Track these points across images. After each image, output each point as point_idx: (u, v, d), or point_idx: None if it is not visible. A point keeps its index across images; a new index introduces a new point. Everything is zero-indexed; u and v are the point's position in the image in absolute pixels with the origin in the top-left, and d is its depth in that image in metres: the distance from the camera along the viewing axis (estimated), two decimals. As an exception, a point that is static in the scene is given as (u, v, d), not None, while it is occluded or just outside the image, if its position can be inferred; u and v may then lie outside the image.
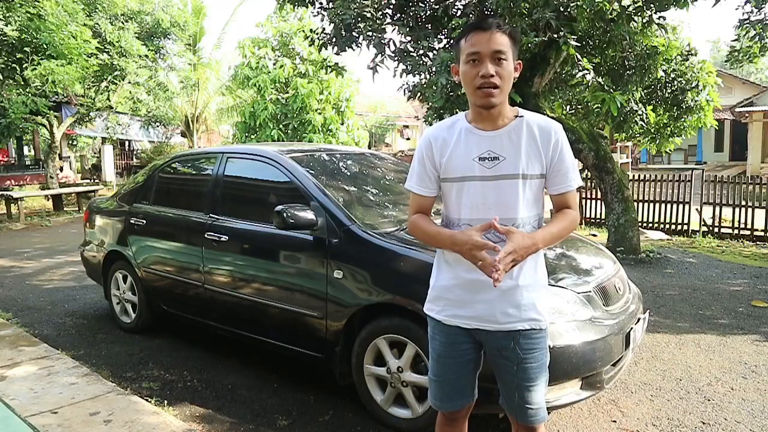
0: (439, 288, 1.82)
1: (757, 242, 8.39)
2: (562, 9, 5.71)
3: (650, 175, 9.54)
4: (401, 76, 6.75)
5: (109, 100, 15.50)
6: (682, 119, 8.42)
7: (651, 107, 7.94)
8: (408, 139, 32.82)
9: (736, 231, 8.73)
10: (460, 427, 1.94)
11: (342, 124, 16.47)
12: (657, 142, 8.95)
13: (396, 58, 6.70)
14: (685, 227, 9.08)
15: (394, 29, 6.91)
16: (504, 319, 1.72)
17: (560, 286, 2.69)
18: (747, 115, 19.02)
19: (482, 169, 1.70)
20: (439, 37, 6.88)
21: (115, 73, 13.85)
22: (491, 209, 1.67)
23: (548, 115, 7.09)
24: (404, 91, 7.27)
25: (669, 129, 8.65)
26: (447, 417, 1.91)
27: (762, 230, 8.45)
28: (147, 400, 3.08)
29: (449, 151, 1.74)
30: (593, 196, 9.95)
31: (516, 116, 1.73)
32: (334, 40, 6.91)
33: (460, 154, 1.72)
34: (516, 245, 1.58)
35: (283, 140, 15.34)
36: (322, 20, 7.31)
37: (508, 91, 1.70)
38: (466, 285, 1.74)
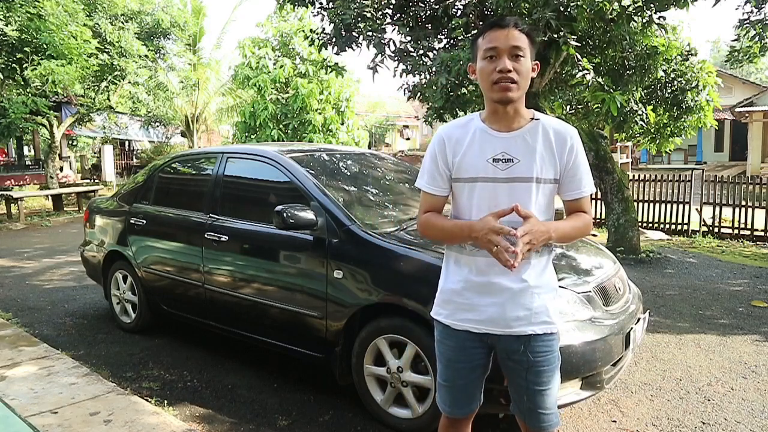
0: (448, 291, 1.78)
1: (757, 242, 8.39)
2: (562, 9, 5.70)
3: (650, 175, 9.54)
4: (401, 76, 6.75)
5: (109, 100, 15.50)
6: (682, 119, 8.40)
7: (651, 107, 7.92)
8: (408, 139, 32.85)
9: (736, 231, 8.73)
10: (464, 430, 1.93)
11: (342, 124, 16.46)
12: (657, 142, 8.93)
13: (396, 58, 6.69)
14: (685, 227, 9.08)
15: (394, 29, 6.90)
16: (515, 323, 1.70)
17: (560, 286, 2.69)
18: (747, 115, 19.01)
19: (495, 171, 1.67)
20: (439, 37, 6.87)
21: (115, 73, 13.87)
22: None
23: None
24: (404, 91, 7.26)
25: (669, 129, 8.63)
26: (452, 420, 1.89)
27: (762, 230, 8.46)
28: (147, 400, 3.08)
29: (462, 151, 1.71)
30: (593, 196, 9.95)
31: (532, 119, 1.70)
32: (334, 40, 6.91)
33: (474, 154, 1.69)
34: (531, 227, 1.55)
35: (283, 140, 15.33)
36: (322, 20, 7.31)
37: (526, 89, 1.67)
38: (476, 288, 1.71)
